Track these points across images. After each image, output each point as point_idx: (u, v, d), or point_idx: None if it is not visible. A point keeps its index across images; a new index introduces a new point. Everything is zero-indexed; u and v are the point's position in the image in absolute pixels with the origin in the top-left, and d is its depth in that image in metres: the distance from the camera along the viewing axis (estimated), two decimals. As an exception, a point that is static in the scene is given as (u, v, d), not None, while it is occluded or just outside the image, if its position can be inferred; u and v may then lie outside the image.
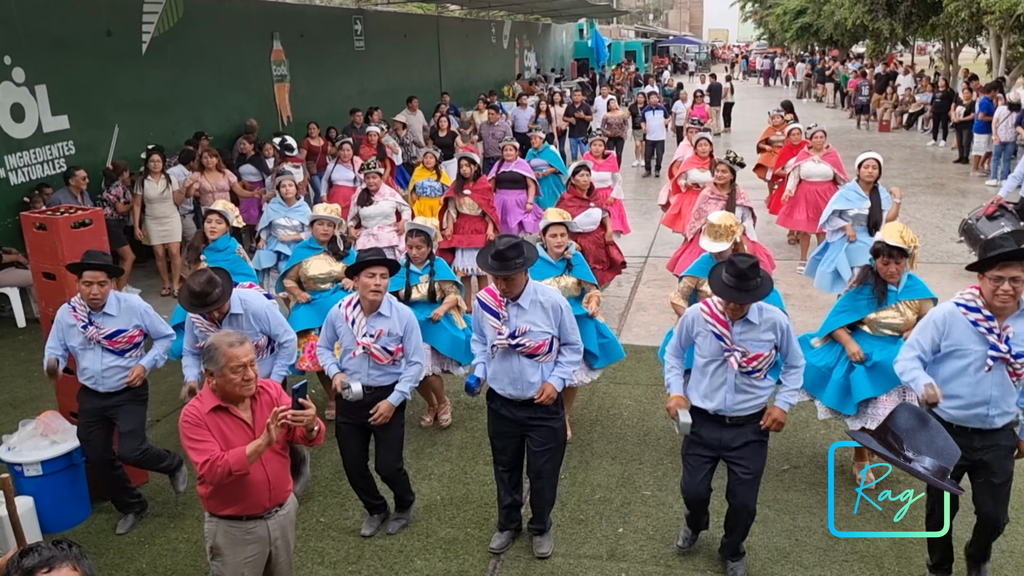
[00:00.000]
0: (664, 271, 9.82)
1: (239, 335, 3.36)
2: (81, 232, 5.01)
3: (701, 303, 4.19)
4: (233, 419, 3.35)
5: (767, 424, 4.13)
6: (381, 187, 8.16)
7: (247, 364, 3.28)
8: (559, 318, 4.28)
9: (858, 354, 4.84)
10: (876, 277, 4.84)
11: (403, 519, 4.90)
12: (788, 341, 4.08)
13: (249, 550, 3.45)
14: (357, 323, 4.45)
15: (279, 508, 3.50)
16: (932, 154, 18.48)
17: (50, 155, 9.94)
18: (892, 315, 4.82)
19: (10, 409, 6.72)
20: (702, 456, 4.22)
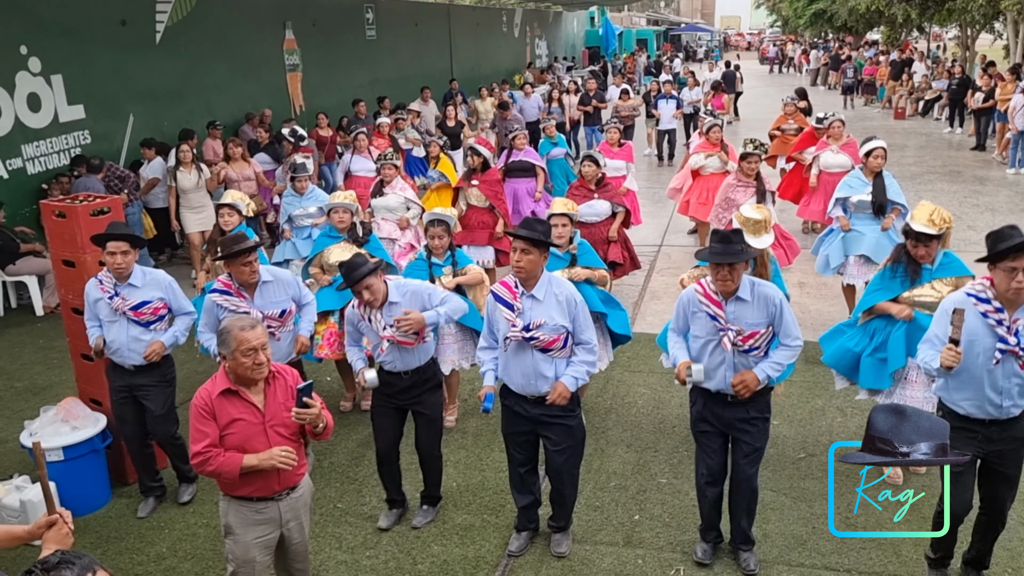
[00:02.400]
0: (678, 259, 9.84)
1: (252, 319, 3.41)
2: (100, 220, 5.04)
3: (695, 283, 4.16)
4: (243, 402, 3.39)
5: (733, 382, 4.01)
6: (395, 180, 8.16)
7: (258, 348, 3.31)
8: (573, 312, 4.17)
9: (903, 311, 4.77)
10: (908, 256, 4.80)
11: (430, 514, 4.86)
12: (782, 317, 4.01)
13: (260, 530, 3.50)
14: (374, 319, 4.46)
15: (291, 491, 3.54)
16: (948, 141, 18.33)
17: (66, 144, 10.01)
18: (927, 293, 4.77)
19: (30, 396, 6.78)
20: (712, 431, 4.22)
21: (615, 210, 7.73)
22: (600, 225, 7.63)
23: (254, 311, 4.77)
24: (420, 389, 4.60)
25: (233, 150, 10.02)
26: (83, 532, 4.88)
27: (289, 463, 3.37)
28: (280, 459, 3.35)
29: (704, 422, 4.24)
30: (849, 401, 6.10)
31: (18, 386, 7.06)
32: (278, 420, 3.44)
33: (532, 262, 4.09)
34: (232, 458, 3.32)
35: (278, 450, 3.36)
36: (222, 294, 4.84)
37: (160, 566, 4.56)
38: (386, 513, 4.88)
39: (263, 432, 3.42)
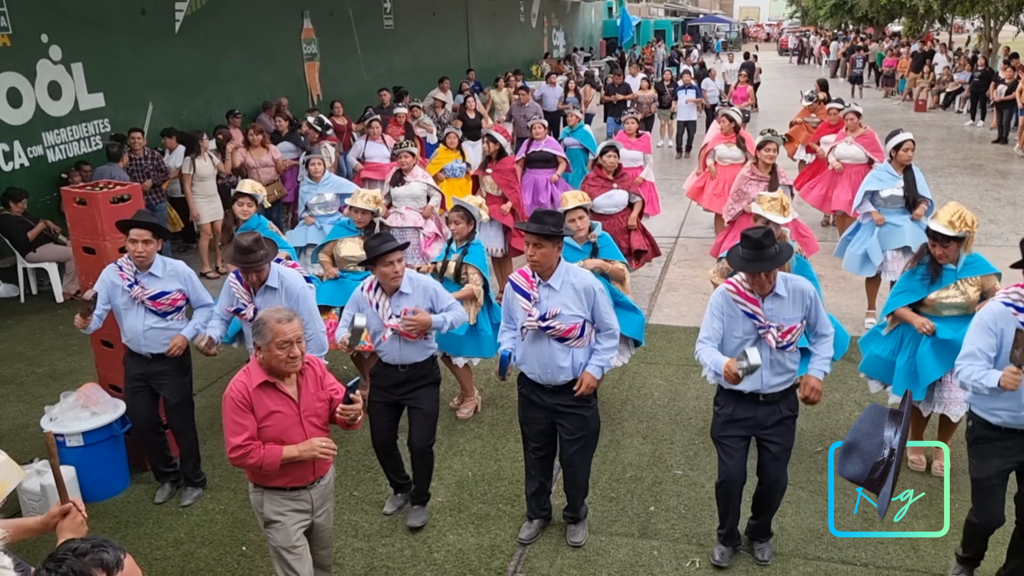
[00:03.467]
0: (695, 251, 9.80)
1: (288, 312, 3.39)
2: (120, 207, 5.08)
3: (725, 283, 4.08)
4: (279, 394, 3.40)
5: (805, 393, 4.04)
6: (414, 168, 8.15)
7: (293, 341, 3.31)
8: (592, 301, 4.15)
9: (925, 325, 4.72)
10: (931, 256, 4.73)
11: (422, 513, 4.79)
12: (817, 309, 4.00)
13: (297, 517, 3.53)
14: (381, 306, 4.43)
15: (321, 479, 3.60)
16: (970, 134, 18.12)
17: (87, 132, 10.07)
18: (953, 294, 4.70)
19: (50, 381, 6.85)
20: (737, 436, 4.13)
21: (632, 200, 7.70)
22: (619, 216, 7.60)
23: (250, 309, 4.74)
24: (416, 384, 4.56)
25: (253, 137, 10.06)
26: (102, 517, 4.94)
27: (330, 453, 3.45)
28: (321, 450, 3.42)
29: (733, 425, 4.11)
30: (868, 395, 6.05)
31: (39, 372, 7.13)
32: (311, 411, 3.47)
33: (545, 255, 4.08)
34: (273, 450, 3.35)
35: (319, 441, 3.42)
36: (237, 279, 4.84)
37: (178, 551, 4.61)
38: (392, 498, 4.91)
39: (299, 423, 3.44)
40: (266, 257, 4.61)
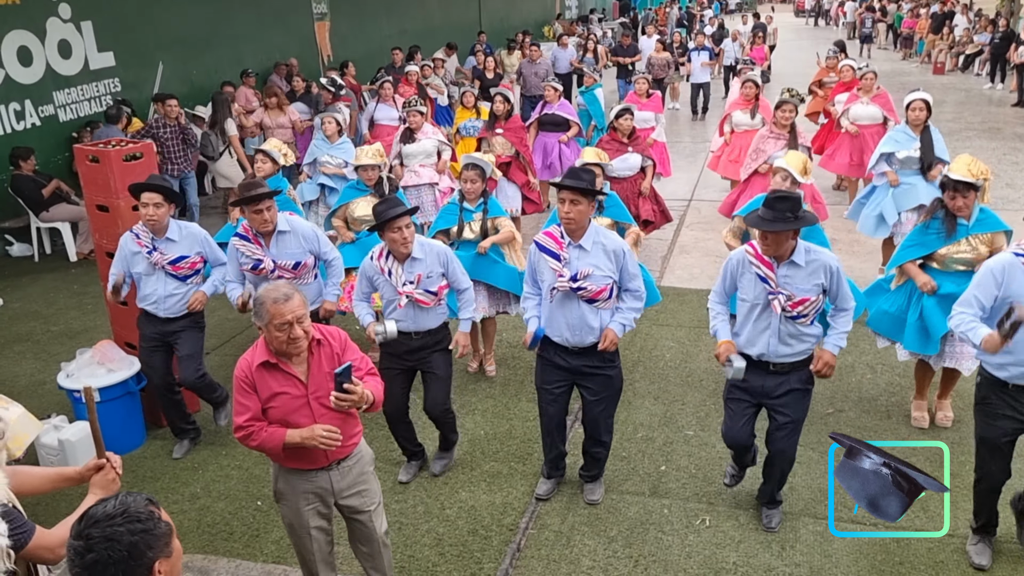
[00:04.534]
0: (708, 214, 9.73)
1: (287, 289, 3.12)
2: (133, 165, 5.07)
3: (747, 245, 4.05)
4: (284, 375, 3.18)
5: (818, 367, 4.01)
6: (423, 125, 8.11)
7: (292, 322, 3.07)
8: (621, 262, 4.13)
9: (928, 284, 4.75)
10: (945, 211, 4.70)
11: (446, 458, 4.88)
12: (838, 283, 3.92)
13: (311, 498, 3.35)
14: (394, 273, 4.35)
15: (344, 460, 3.35)
16: (989, 97, 17.84)
17: (97, 92, 10.03)
18: (963, 249, 4.70)
19: (66, 339, 6.91)
20: (744, 401, 4.15)
21: (644, 164, 7.63)
22: (632, 179, 7.55)
23: (267, 260, 4.76)
24: (429, 350, 4.54)
25: (270, 99, 10.01)
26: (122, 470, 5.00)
27: (331, 443, 3.15)
28: (321, 439, 3.13)
29: (740, 389, 4.12)
30: (879, 358, 6.06)
31: (54, 330, 7.19)
32: (323, 391, 3.19)
33: (581, 212, 4.03)
34: (275, 434, 3.15)
35: (320, 428, 3.13)
36: (241, 239, 4.84)
37: (195, 505, 4.67)
38: (406, 467, 4.87)
39: (306, 405, 3.20)
40: (269, 193, 4.68)
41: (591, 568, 4.05)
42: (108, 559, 1.77)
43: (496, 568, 4.07)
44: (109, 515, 1.81)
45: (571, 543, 4.24)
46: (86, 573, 1.77)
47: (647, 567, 4.05)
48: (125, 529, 1.80)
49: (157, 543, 1.85)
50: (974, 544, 4.04)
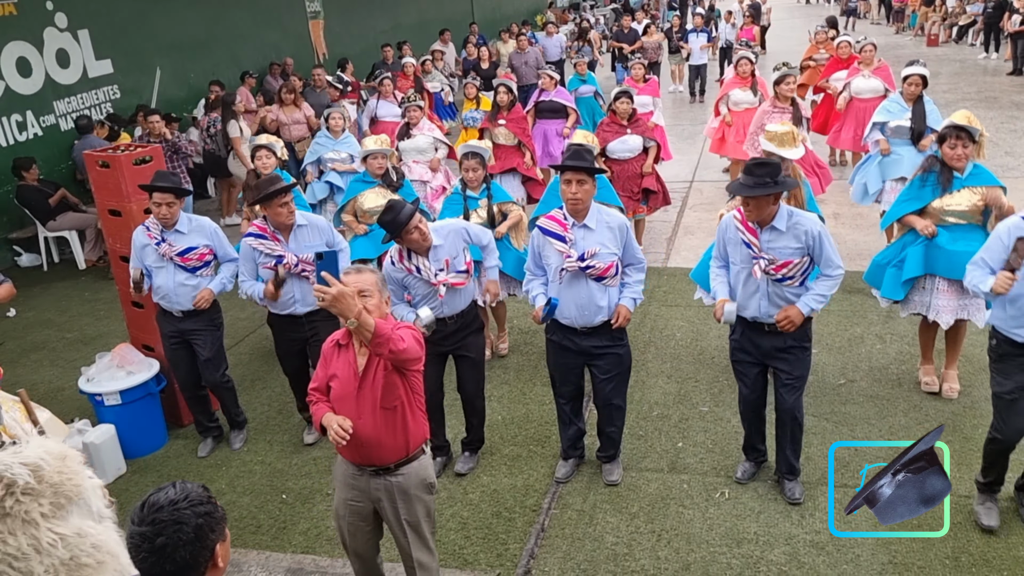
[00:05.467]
0: (710, 195, 9.77)
1: (358, 267, 3.26)
2: (143, 168, 5.12)
3: (735, 211, 4.15)
4: (347, 359, 3.21)
5: (778, 318, 4.02)
6: (421, 121, 8.14)
7: (356, 292, 3.04)
8: (625, 238, 4.22)
9: (928, 227, 4.88)
10: (941, 164, 4.83)
11: (471, 460, 4.85)
12: (820, 247, 3.97)
13: (352, 493, 3.36)
14: (423, 268, 4.31)
15: (384, 472, 3.28)
16: (983, 67, 17.82)
17: (97, 99, 10.08)
18: (957, 201, 4.82)
19: (81, 346, 6.98)
20: (747, 362, 4.26)
21: (647, 145, 7.67)
22: (633, 161, 7.59)
23: (288, 255, 4.76)
24: (464, 332, 4.56)
25: (285, 95, 10.07)
26: (145, 471, 5.08)
27: (338, 438, 3.04)
28: (333, 428, 3.06)
29: (742, 351, 4.27)
30: (888, 328, 6.12)
31: (69, 337, 7.26)
32: (370, 388, 3.17)
33: (587, 192, 4.10)
34: (319, 411, 3.24)
35: (337, 420, 3.08)
36: (257, 238, 4.83)
37: (221, 500, 4.64)
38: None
39: (354, 397, 3.18)
40: (288, 187, 4.71)
41: (615, 544, 4.12)
42: (178, 541, 1.83)
43: (521, 548, 4.14)
44: (173, 500, 1.87)
45: (594, 521, 4.31)
46: (154, 557, 1.82)
47: (670, 540, 4.12)
48: (191, 512, 1.87)
49: (218, 526, 1.92)
50: (981, 504, 4.11)
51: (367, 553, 3.54)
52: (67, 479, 2.24)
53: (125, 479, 5.04)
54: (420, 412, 3.33)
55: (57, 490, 2.21)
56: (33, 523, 2.14)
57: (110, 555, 2.27)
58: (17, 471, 2.13)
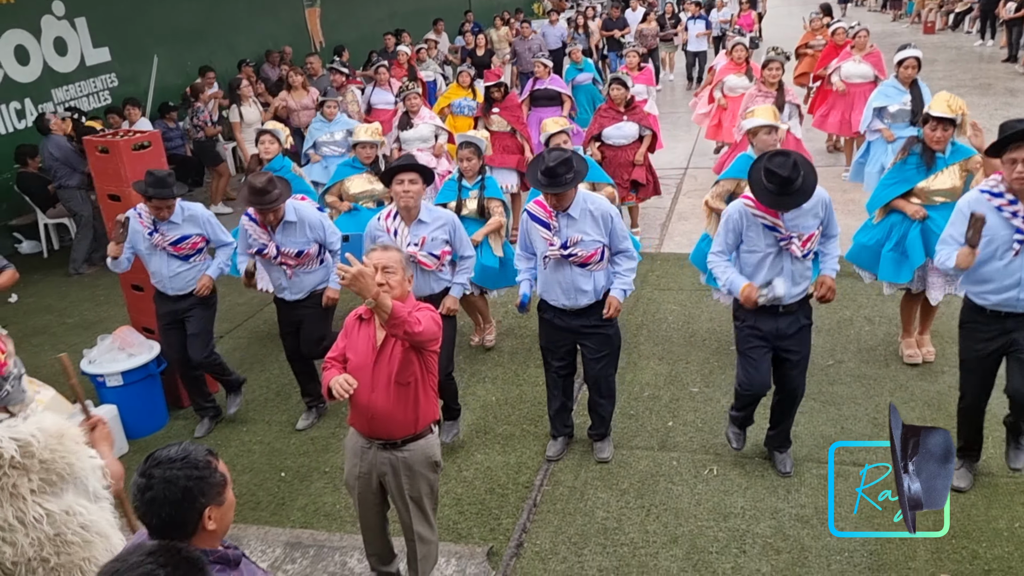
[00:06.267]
0: (704, 181, 9.83)
1: (384, 244, 3.33)
2: (142, 154, 5.20)
3: (742, 198, 4.15)
4: (367, 332, 3.29)
5: (821, 293, 4.15)
6: (420, 110, 8.20)
7: (377, 269, 3.20)
8: (609, 226, 4.27)
9: (919, 212, 5.01)
10: (923, 145, 4.95)
11: (455, 427, 4.96)
12: (829, 213, 4.14)
13: (359, 464, 3.44)
14: (400, 233, 4.50)
15: (391, 445, 3.36)
16: (979, 54, 17.87)
17: (95, 88, 10.13)
18: (942, 181, 4.98)
19: (81, 331, 7.07)
20: (761, 348, 4.27)
21: (643, 133, 7.74)
22: (627, 148, 7.66)
23: (272, 246, 4.82)
24: None
25: (294, 79, 10.14)
26: (146, 451, 5.13)
27: (339, 391, 3.12)
28: (338, 383, 3.13)
29: (756, 337, 4.24)
30: (877, 311, 6.21)
31: (69, 322, 7.35)
32: (385, 364, 3.24)
33: (565, 198, 4.19)
34: (329, 375, 3.28)
35: (342, 377, 3.15)
36: (250, 221, 4.92)
37: (221, 479, 4.84)
38: None
39: (370, 370, 3.25)
40: (280, 197, 4.69)
41: (605, 519, 4.23)
42: (164, 499, 1.94)
43: (514, 523, 4.25)
44: (171, 459, 1.97)
45: (585, 497, 4.41)
46: (144, 508, 1.95)
47: (659, 515, 4.22)
48: (182, 474, 1.96)
49: (210, 491, 2.00)
50: (956, 469, 4.19)
51: (376, 524, 3.64)
52: (60, 457, 2.34)
53: (127, 459, 5.13)
54: (432, 392, 3.43)
55: (48, 467, 2.31)
56: (20, 497, 2.25)
57: (99, 535, 2.38)
58: (5, 445, 2.23)
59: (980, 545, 3.87)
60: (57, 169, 8.28)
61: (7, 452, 2.25)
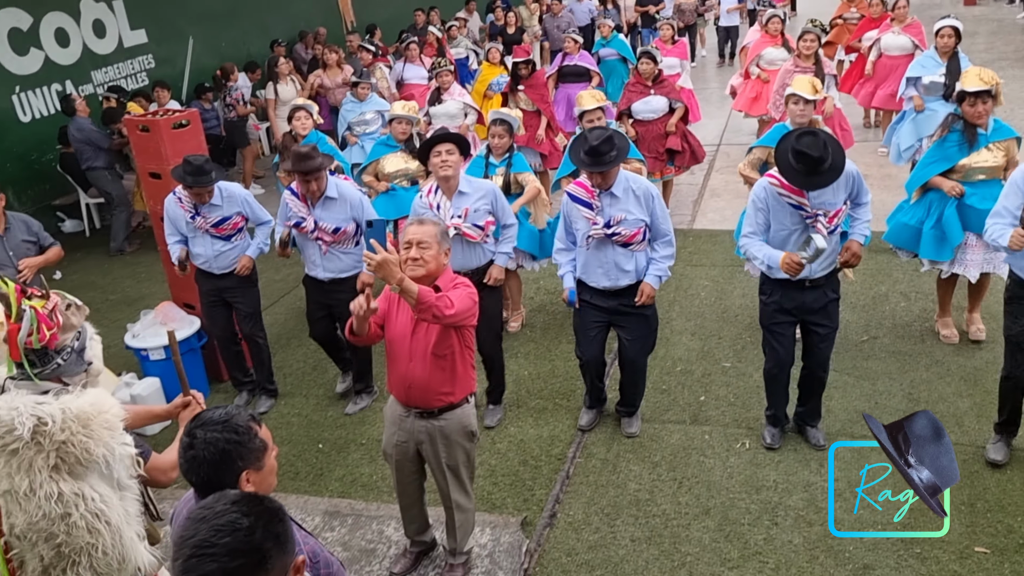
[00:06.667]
0: (736, 157, 9.73)
1: (430, 217, 3.37)
2: (181, 132, 5.30)
3: (767, 177, 4.13)
4: (405, 304, 3.26)
5: (846, 258, 4.14)
6: (452, 87, 8.22)
7: (412, 243, 3.24)
8: (651, 206, 4.26)
9: (955, 188, 4.92)
10: (964, 122, 4.85)
11: (498, 412, 5.03)
12: (859, 184, 4.11)
13: (397, 432, 3.50)
14: (443, 207, 4.54)
15: (427, 413, 3.42)
16: (1022, 26, 17.41)
17: (132, 69, 10.29)
18: (984, 158, 4.89)
19: (124, 307, 7.24)
20: (787, 323, 4.30)
21: (673, 106, 7.69)
22: (657, 122, 7.62)
23: (310, 220, 4.88)
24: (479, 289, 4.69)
25: (328, 57, 10.22)
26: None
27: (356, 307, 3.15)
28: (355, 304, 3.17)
29: (781, 312, 4.25)
30: (913, 286, 6.15)
31: (112, 298, 7.53)
32: (423, 333, 3.29)
33: (609, 176, 4.20)
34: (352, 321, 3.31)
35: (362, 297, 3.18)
36: (292, 194, 5.00)
37: (261, 450, 4.96)
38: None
39: (408, 340, 3.30)
40: (323, 165, 4.78)
41: (637, 491, 4.28)
42: (203, 459, 2.02)
43: (547, 494, 4.31)
44: (213, 421, 2.06)
45: (617, 469, 4.46)
46: (187, 465, 2.04)
47: (691, 488, 4.26)
48: (222, 437, 2.04)
49: (249, 455, 2.07)
50: (993, 443, 4.24)
51: (413, 493, 3.71)
52: (78, 441, 2.41)
53: (170, 430, 5.28)
54: (470, 365, 3.48)
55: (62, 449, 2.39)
56: (35, 470, 2.35)
57: (107, 525, 2.45)
58: (23, 420, 2.33)
59: (1016, 519, 3.86)
60: (83, 150, 8.40)
61: (22, 428, 2.34)
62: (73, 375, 2.70)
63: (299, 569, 1.63)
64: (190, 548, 1.49)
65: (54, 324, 2.56)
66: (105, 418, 2.46)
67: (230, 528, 1.50)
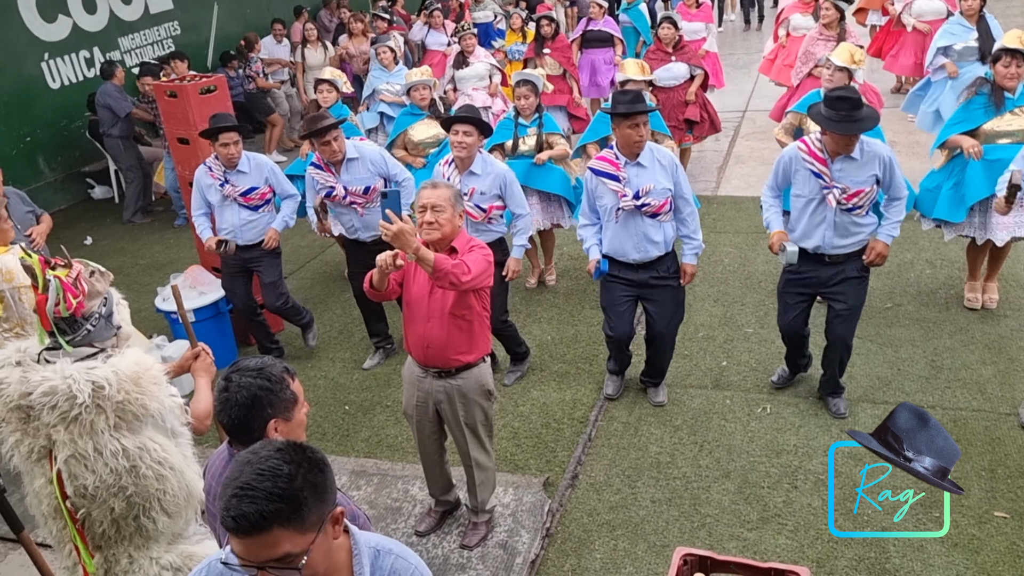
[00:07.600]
0: (762, 124, 9.66)
1: (442, 181, 3.41)
2: (208, 98, 5.36)
3: (799, 141, 4.14)
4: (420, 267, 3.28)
5: (870, 258, 4.15)
6: (476, 49, 8.22)
7: (427, 207, 3.27)
8: (676, 176, 4.27)
9: (974, 147, 4.86)
10: (992, 85, 4.81)
11: (519, 371, 5.12)
12: (892, 173, 4.03)
13: (416, 393, 3.57)
14: (452, 181, 4.57)
15: (444, 373, 3.48)
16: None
17: (158, 36, 10.35)
18: (1009, 121, 4.85)
19: (153, 271, 7.37)
20: (799, 294, 4.33)
21: (693, 73, 7.61)
22: (678, 89, 7.55)
23: (339, 186, 4.94)
24: None
25: (354, 25, 10.23)
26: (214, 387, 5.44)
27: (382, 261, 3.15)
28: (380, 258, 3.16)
29: (796, 282, 4.29)
30: (938, 254, 6.11)
31: (142, 264, 7.66)
32: (440, 296, 3.34)
33: (641, 143, 4.19)
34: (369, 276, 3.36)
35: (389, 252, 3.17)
36: (316, 168, 5.04)
37: (289, 411, 5.07)
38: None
39: (426, 301, 3.36)
40: (336, 125, 4.84)
41: (658, 454, 4.33)
42: (235, 401, 2.11)
43: (569, 456, 4.38)
44: (248, 368, 2.15)
45: (639, 433, 4.52)
46: (220, 407, 2.14)
47: (712, 451, 4.31)
48: (255, 383, 2.12)
49: (278, 404, 2.15)
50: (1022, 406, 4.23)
51: (434, 452, 3.78)
52: (134, 398, 2.54)
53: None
54: (486, 327, 3.53)
55: (121, 407, 2.51)
56: (98, 432, 2.49)
57: (171, 470, 2.61)
58: (81, 387, 2.45)
59: (1036, 485, 3.87)
60: (103, 116, 8.42)
61: (82, 395, 2.48)
62: (104, 340, 2.79)
63: (338, 520, 1.69)
64: (233, 488, 1.56)
65: (79, 292, 2.64)
66: (152, 374, 2.60)
67: (271, 473, 1.57)
